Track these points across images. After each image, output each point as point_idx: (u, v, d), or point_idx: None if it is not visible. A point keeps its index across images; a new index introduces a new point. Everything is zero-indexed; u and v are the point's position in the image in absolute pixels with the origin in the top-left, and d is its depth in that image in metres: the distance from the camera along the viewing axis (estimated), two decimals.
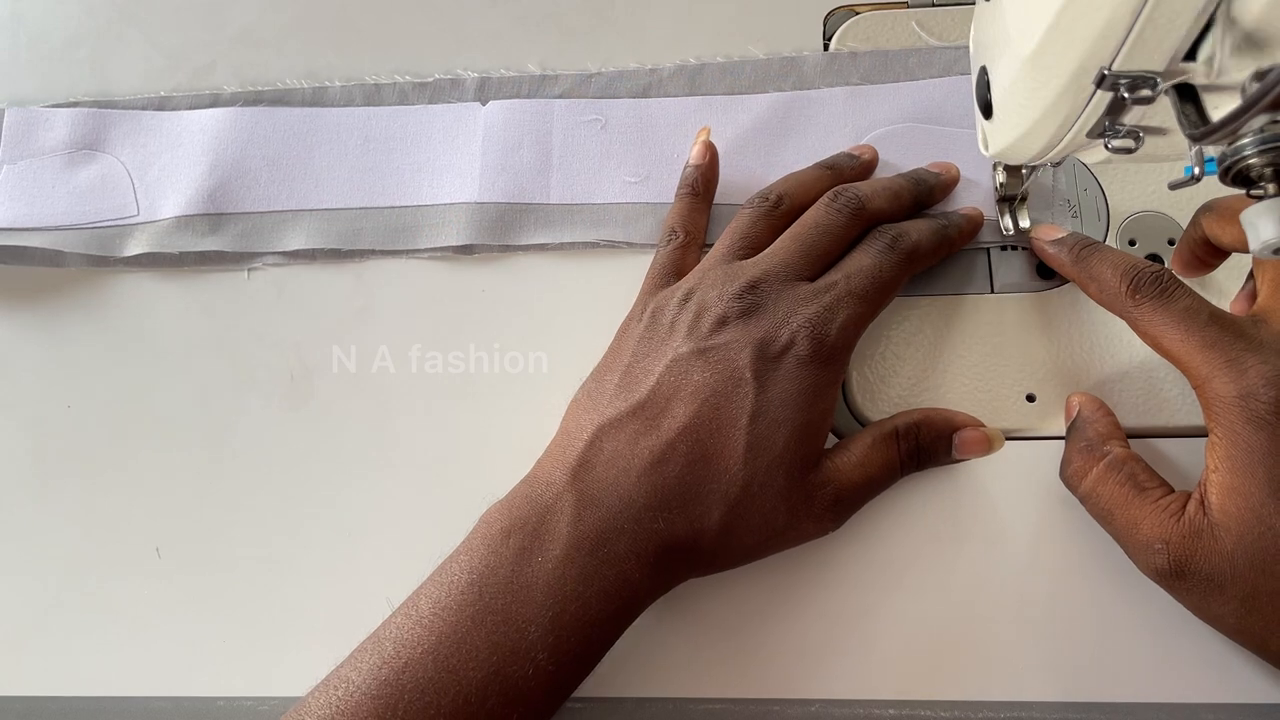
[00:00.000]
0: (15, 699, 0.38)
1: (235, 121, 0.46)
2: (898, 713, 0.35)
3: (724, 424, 0.33)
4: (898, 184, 0.39)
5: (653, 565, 0.32)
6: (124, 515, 0.41)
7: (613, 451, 0.33)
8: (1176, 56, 0.24)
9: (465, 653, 0.30)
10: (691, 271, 0.38)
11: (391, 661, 0.30)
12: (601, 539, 0.32)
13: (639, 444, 0.33)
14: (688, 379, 0.34)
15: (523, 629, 0.30)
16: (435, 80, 0.46)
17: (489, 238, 0.43)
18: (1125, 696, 0.35)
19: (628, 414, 0.34)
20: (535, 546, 0.32)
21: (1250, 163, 0.24)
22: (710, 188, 0.41)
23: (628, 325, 0.38)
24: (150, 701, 0.38)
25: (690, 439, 0.33)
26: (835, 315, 0.34)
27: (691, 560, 0.34)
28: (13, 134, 0.47)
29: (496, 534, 0.32)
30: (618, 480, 0.33)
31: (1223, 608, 0.31)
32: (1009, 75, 0.29)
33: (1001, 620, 0.36)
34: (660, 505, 0.32)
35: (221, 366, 0.43)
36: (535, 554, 0.31)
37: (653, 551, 0.32)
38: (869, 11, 0.45)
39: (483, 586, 0.31)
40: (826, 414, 0.35)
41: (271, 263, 0.44)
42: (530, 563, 0.31)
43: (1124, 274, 0.33)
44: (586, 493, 0.33)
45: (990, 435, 0.37)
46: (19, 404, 0.43)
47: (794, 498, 0.34)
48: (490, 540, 0.32)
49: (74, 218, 0.45)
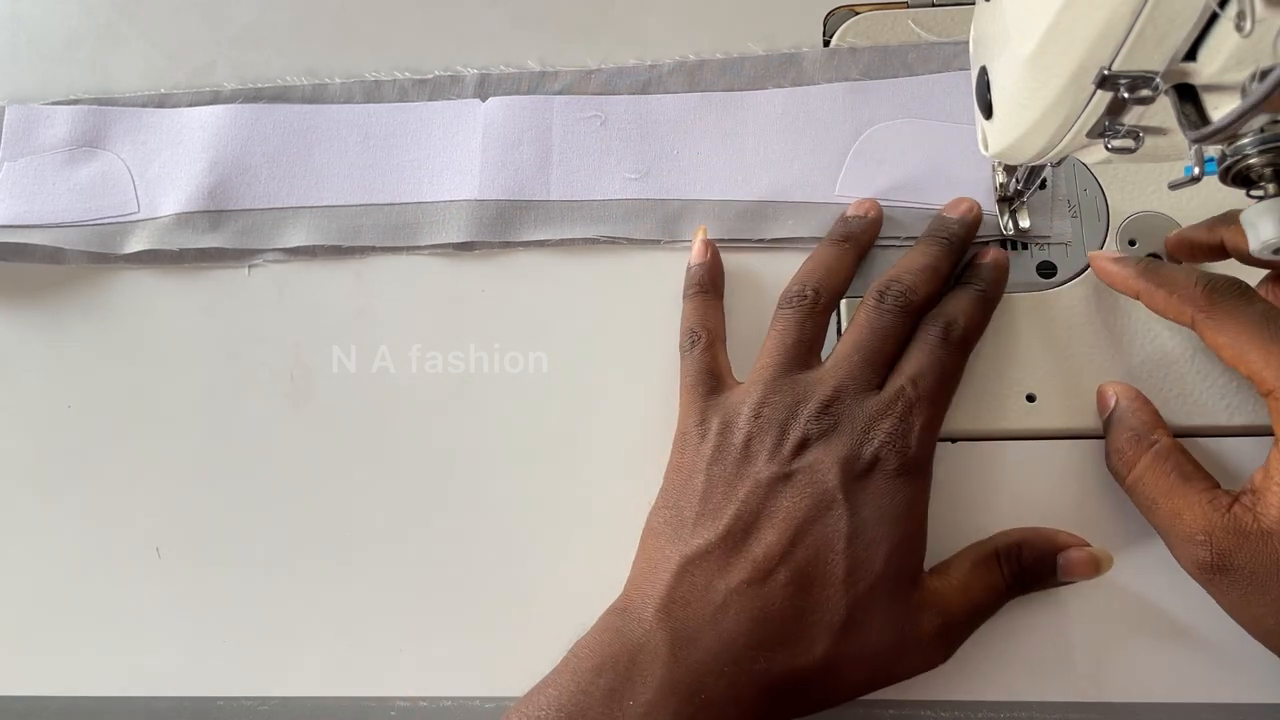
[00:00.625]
0: (15, 699, 0.38)
1: (235, 118, 0.46)
2: (898, 713, 0.35)
3: (821, 549, 0.32)
4: (933, 258, 0.38)
5: (752, 710, 0.31)
6: (124, 515, 0.41)
7: (705, 584, 0.32)
8: (1176, 56, 0.24)
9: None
10: (752, 381, 0.36)
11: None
12: (698, 683, 0.30)
13: (732, 576, 0.32)
14: (777, 504, 0.33)
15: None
16: (435, 77, 0.46)
17: (489, 234, 0.43)
18: (1125, 696, 0.35)
19: (716, 544, 0.32)
20: (626, 688, 0.30)
21: (1250, 163, 0.24)
22: (718, 283, 0.40)
23: (688, 440, 0.36)
24: (150, 701, 0.38)
25: (788, 568, 0.32)
26: (913, 424, 0.34)
27: (795, 701, 0.32)
28: (13, 131, 0.47)
29: (586, 671, 0.31)
30: (715, 617, 0.31)
31: (1263, 609, 0.31)
32: (1009, 75, 0.29)
33: (1001, 620, 0.36)
34: (761, 643, 0.31)
35: (222, 366, 0.43)
36: (626, 696, 0.30)
37: (753, 695, 0.31)
38: (869, 11, 0.45)
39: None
40: (921, 526, 0.34)
41: (272, 259, 0.44)
42: (621, 705, 0.30)
43: (1200, 278, 0.33)
44: (679, 630, 0.31)
45: (1098, 556, 0.35)
46: (19, 404, 0.43)
47: (900, 621, 0.32)
48: (579, 677, 0.31)
49: (74, 215, 0.45)
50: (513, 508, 0.39)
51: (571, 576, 0.38)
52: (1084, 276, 0.40)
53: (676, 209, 0.43)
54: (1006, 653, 0.36)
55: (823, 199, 0.42)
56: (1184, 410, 0.38)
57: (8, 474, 0.42)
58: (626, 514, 0.38)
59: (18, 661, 0.39)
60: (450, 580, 0.39)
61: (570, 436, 0.40)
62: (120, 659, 0.39)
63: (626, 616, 0.32)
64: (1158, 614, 0.36)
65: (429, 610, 0.38)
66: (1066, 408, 0.38)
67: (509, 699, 0.36)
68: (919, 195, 0.41)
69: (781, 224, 0.42)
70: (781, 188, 0.42)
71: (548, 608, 0.38)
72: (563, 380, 0.41)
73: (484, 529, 0.39)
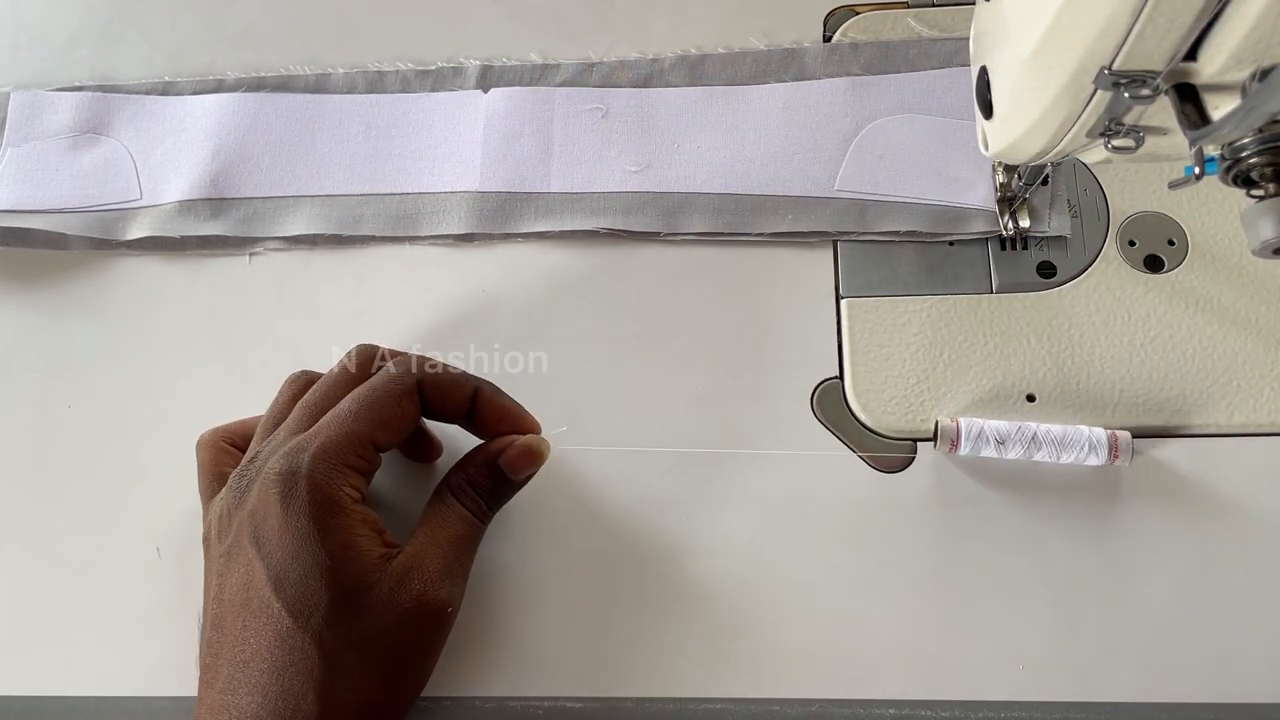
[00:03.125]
0: (15, 699, 0.38)
1: (238, 107, 0.46)
2: (898, 712, 0.35)
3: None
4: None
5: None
6: (124, 515, 0.41)
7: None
8: (1176, 56, 0.24)
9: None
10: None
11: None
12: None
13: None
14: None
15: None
16: (438, 68, 0.46)
17: (490, 226, 0.43)
18: (1125, 696, 0.35)
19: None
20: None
21: (1250, 163, 0.24)
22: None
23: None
24: (150, 701, 0.38)
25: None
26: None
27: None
28: (17, 117, 0.47)
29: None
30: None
31: None
32: (1009, 75, 0.29)
33: (1002, 620, 0.36)
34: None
35: (222, 366, 0.43)
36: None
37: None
38: (869, 11, 0.45)
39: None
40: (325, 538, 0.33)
41: (273, 248, 0.44)
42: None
43: None
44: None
45: (531, 444, 0.36)
46: (19, 404, 0.43)
47: (373, 617, 0.33)
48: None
49: (77, 200, 0.45)
50: (512, 508, 0.39)
51: (571, 576, 0.38)
52: (1084, 276, 0.40)
53: (677, 202, 0.43)
54: (1007, 653, 0.36)
55: (823, 193, 0.42)
56: (1184, 410, 0.38)
57: (8, 474, 0.42)
58: (624, 513, 0.38)
59: (18, 661, 0.39)
60: None
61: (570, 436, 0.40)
62: (120, 659, 0.39)
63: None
64: (1156, 614, 0.36)
65: None
66: (1066, 408, 0.38)
67: (509, 699, 0.37)
68: (919, 190, 0.41)
69: (781, 218, 0.42)
70: (782, 182, 0.42)
71: (547, 608, 0.38)
72: (563, 380, 0.41)
73: None
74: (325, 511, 0.32)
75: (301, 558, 0.32)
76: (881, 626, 0.36)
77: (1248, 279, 0.39)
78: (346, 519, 0.33)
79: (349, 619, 0.32)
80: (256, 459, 0.34)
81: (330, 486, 0.33)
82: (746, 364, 0.40)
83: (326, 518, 0.32)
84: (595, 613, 0.37)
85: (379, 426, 0.34)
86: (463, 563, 0.35)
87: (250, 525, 0.33)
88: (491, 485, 0.36)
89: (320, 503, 0.32)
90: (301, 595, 0.31)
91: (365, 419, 0.34)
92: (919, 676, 0.36)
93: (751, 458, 0.39)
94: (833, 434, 0.39)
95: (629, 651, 0.37)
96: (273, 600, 0.31)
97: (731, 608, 0.37)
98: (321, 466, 0.33)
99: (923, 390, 0.39)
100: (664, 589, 0.37)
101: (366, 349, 0.37)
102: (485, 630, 0.38)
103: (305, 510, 0.32)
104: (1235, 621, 0.35)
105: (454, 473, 0.36)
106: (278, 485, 0.32)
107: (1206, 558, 0.36)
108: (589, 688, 0.37)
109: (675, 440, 0.39)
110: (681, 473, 0.39)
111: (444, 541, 0.34)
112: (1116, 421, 0.38)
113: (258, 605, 0.32)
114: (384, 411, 0.34)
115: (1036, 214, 0.40)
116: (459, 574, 0.35)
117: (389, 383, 0.35)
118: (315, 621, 0.31)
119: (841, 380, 0.40)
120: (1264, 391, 0.38)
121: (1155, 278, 0.40)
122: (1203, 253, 0.40)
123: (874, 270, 0.41)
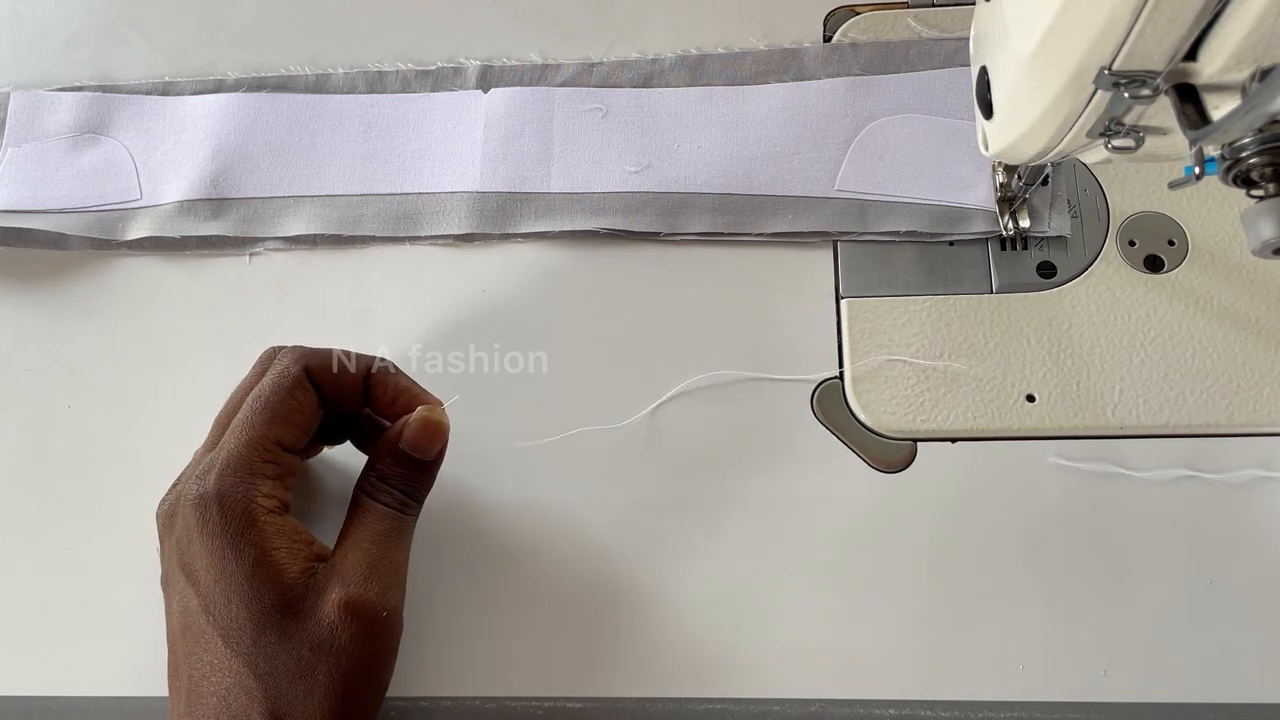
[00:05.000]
0: (15, 699, 0.38)
1: (238, 107, 0.46)
2: (898, 712, 0.35)
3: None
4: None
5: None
6: (124, 515, 0.41)
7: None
8: (1176, 56, 0.24)
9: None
10: None
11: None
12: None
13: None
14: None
15: None
16: (438, 68, 0.46)
17: (490, 226, 0.43)
18: (1125, 696, 0.35)
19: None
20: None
21: (1250, 163, 0.24)
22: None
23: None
24: (150, 702, 0.38)
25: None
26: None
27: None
28: (18, 117, 0.47)
29: None
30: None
31: None
32: (1009, 75, 0.29)
33: (1002, 620, 0.36)
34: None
35: (222, 366, 0.42)
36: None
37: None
38: (869, 11, 0.45)
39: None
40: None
41: (273, 248, 0.44)
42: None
43: None
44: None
45: (425, 418, 0.35)
46: (19, 404, 0.43)
47: (296, 639, 0.32)
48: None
49: (77, 201, 0.45)
50: (511, 508, 0.39)
51: (570, 576, 0.38)
52: (1084, 276, 0.40)
53: (677, 202, 0.43)
54: (1006, 653, 0.36)
55: (823, 193, 0.42)
56: (1184, 410, 0.38)
57: (8, 474, 0.42)
58: (624, 513, 0.38)
59: (18, 661, 0.39)
60: (449, 580, 0.39)
61: (568, 435, 0.40)
62: (120, 659, 0.39)
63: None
64: (1156, 614, 0.36)
65: (427, 610, 0.38)
66: (1066, 408, 0.38)
67: (509, 699, 0.37)
68: (919, 190, 0.41)
69: (781, 218, 0.42)
70: (782, 182, 0.42)
71: (546, 608, 0.38)
72: (563, 380, 0.41)
73: (482, 529, 0.39)
74: (239, 529, 0.32)
75: (223, 581, 0.32)
76: (881, 626, 0.36)
77: (1248, 279, 0.39)
78: (261, 533, 0.32)
79: (276, 638, 0.31)
80: (178, 482, 0.34)
81: (242, 500, 0.32)
82: (746, 364, 0.40)
83: (241, 535, 0.32)
84: (595, 613, 0.37)
85: (278, 424, 0.34)
86: (391, 561, 0.34)
87: (177, 553, 0.33)
88: (403, 473, 0.35)
89: (234, 520, 0.32)
90: (229, 619, 0.31)
91: (261, 421, 0.33)
92: (919, 676, 0.36)
93: (752, 457, 0.39)
94: (833, 434, 0.39)
95: (629, 652, 0.37)
96: (206, 627, 0.32)
97: (732, 607, 0.37)
98: (229, 483, 0.32)
99: (923, 390, 0.39)
100: (664, 589, 0.37)
101: (269, 351, 0.36)
102: (485, 630, 0.38)
103: (220, 531, 0.32)
104: (1235, 621, 0.35)
105: (363, 472, 0.35)
106: (194, 510, 0.32)
107: (1206, 558, 0.36)
108: (589, 688, 0.37)
109: (676, 441, 0.39)
110: (682, 473, 0.39)
111: (364, 542, 0.34)
112: (1116, 422, 0.38)
113: (195, 632, 0.32)
114: (278, 409, 0.34)
115: (1036, 214, 0.40)
116: (388, 574, 0.33)
117: (277, 378, 0.34)
118: (245, 645, 0.31)
119: (841, 380, 0.40)
120: (1264, 391, 0.38)
121: (1155, 278, 0.40)
122: (1203, 253, 0.40)
123: (874, 270, 0.41)
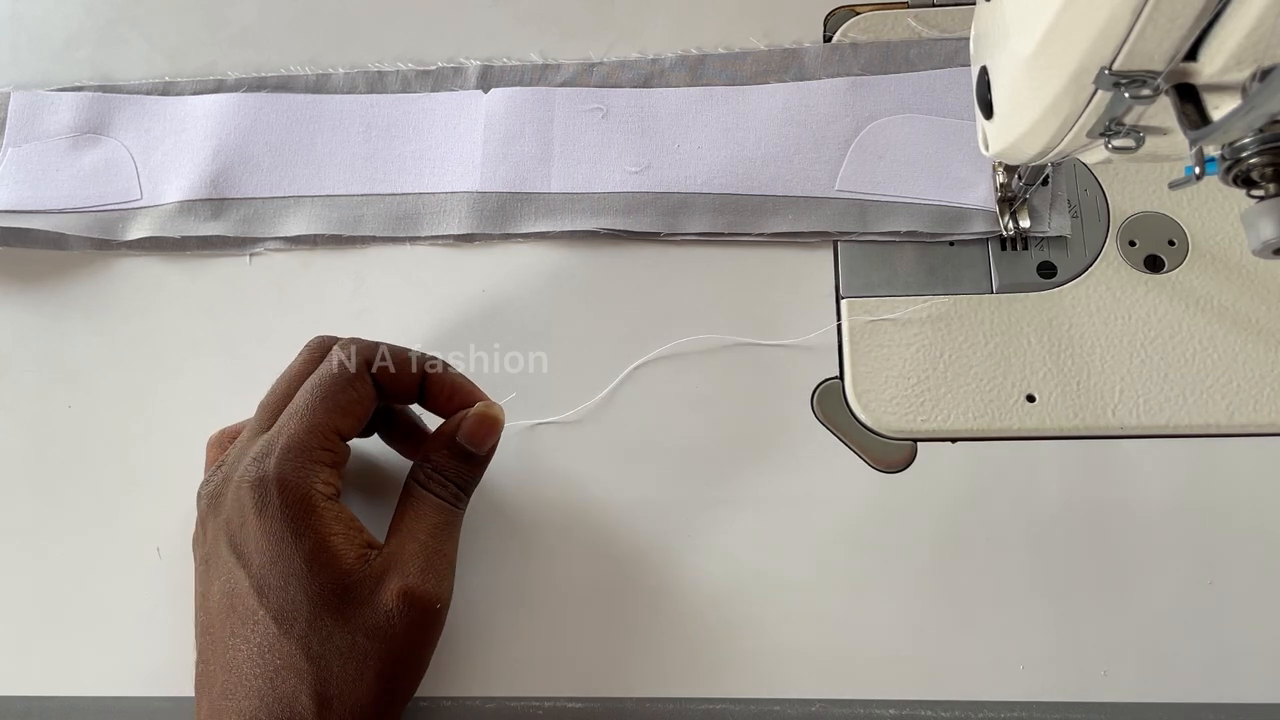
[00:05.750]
0: (15, 699, 0.38)
1: (239, 107, 0.46)
2: (898, 713, 0.35)
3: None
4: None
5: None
6: (124, 515, 0.41)
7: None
8: (1177, 56, 0.24)
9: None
10: None
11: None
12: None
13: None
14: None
15: None
16: (438, 68, 0.46)
17: (490, 226, 0.43)
18: (1125, 696, 0.35)
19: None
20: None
21: (1251, 163, 0.24)
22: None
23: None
24: (150, 701, 0.38)
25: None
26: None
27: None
28: (18, 117, 0.47)
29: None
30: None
31: None
32: (1009, 75, 0.29)
33: (1002, 620, 0.36)
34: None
35: (222, 366, 0.43)
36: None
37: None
38: (869, 11, 0.45)
39: None
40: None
41: (273, 248, 0.44)
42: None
43: None
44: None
45: (483, 413, 0.36)
46: (19, 404, 0.43)
47: (355, 624, 0.32)
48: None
49: (78, 201, 0.45)
50: (514, 507, 0.39)
51: (571, 576, 0.38)
52: (1084, 277, 0.40)
53: (677, 202, 0.43)
54: (1006, 653, 0.36)
55: (823, 193, 0.42)
56: (1184, 410, 0.38)
57: (8, 474, 0.42)
58: (624, 513, 0.38)
59: (18, 661, 0.39)
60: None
61: (564, 431, 0.40)
62: (120, 659, 0.39)
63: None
64: (1155, 614, 0.36)
65: None
66: (1066, 408, 0.38)
67: (509, 699, 0.37)
68: (919, 190, 0.41)
69: (781, 218, 0.42)
70: (782, 182, 0.42)
71: (548, 607, 0.38)
72: (563, 380, 0.41)
73: (481, 529, 0.39)
74: (299, 514, 0.32)
75: (280, 563, 0.32)
76: (881, 626, 0.36)
77: (1248, 279, 0.39)
78: (320, 519, 0.33)
79: (332, 622, 0.32)
80: (224, 464, 0.34)
81: (302, 486, 0.32)
82: (747, 364, 0.40)
83: (301, 520, 0.32)
84: (595, 613, 0.37)
85: (338, 414, 0.34)
86: (444, 553, 0.34)
87: (227, 533, 0.33)
88: (457, 466, 0.35)
89: (293, 504, 0.32)
90: (283, 601, 0.31)
91: (322, 409, 0.34)
92: (919, 676, 0.36)
93: (752, 457, 0.39)
94: (833, 434, 0.39)
95: (629, 652, 0.37)
96: (257, 608, 0.32)
97: (732, 607, 0.37)
98: (290, 467, 0.32)
99: (923, 390, 0.39)
100: (664, 589, 0.37)
101: (319, 340, 0.37)
102: (485, 630, 0.38)
103: (279, 515, 0.32)
104: (1235, 621, 0.35)
105: (418, 463, 0.36)
106: (251, 492, 0.32)
107: (1206, 558, 0.36)
108: (589, 688, 0.37)
109: (677, 441, 0.40)
110: (682, 472, 0.39)
111: (421, 534, 0.34)
112: (1116, 422, 0.38)
113: (243, 612, 0.32)
114: (339, 398, 0.34)
115: (1037, 214, 0.40)
116: (442, 566, 0.34)
117: (339, 368, 0.35)
118: (299, 627, 0.31)
119: (841, 380, 0.40)
120: (1264, 391, 0.38)
121: (1155, 278, 0.40)
122: (1203, 253, 0.40)
123: (874, 270, 0.41)
